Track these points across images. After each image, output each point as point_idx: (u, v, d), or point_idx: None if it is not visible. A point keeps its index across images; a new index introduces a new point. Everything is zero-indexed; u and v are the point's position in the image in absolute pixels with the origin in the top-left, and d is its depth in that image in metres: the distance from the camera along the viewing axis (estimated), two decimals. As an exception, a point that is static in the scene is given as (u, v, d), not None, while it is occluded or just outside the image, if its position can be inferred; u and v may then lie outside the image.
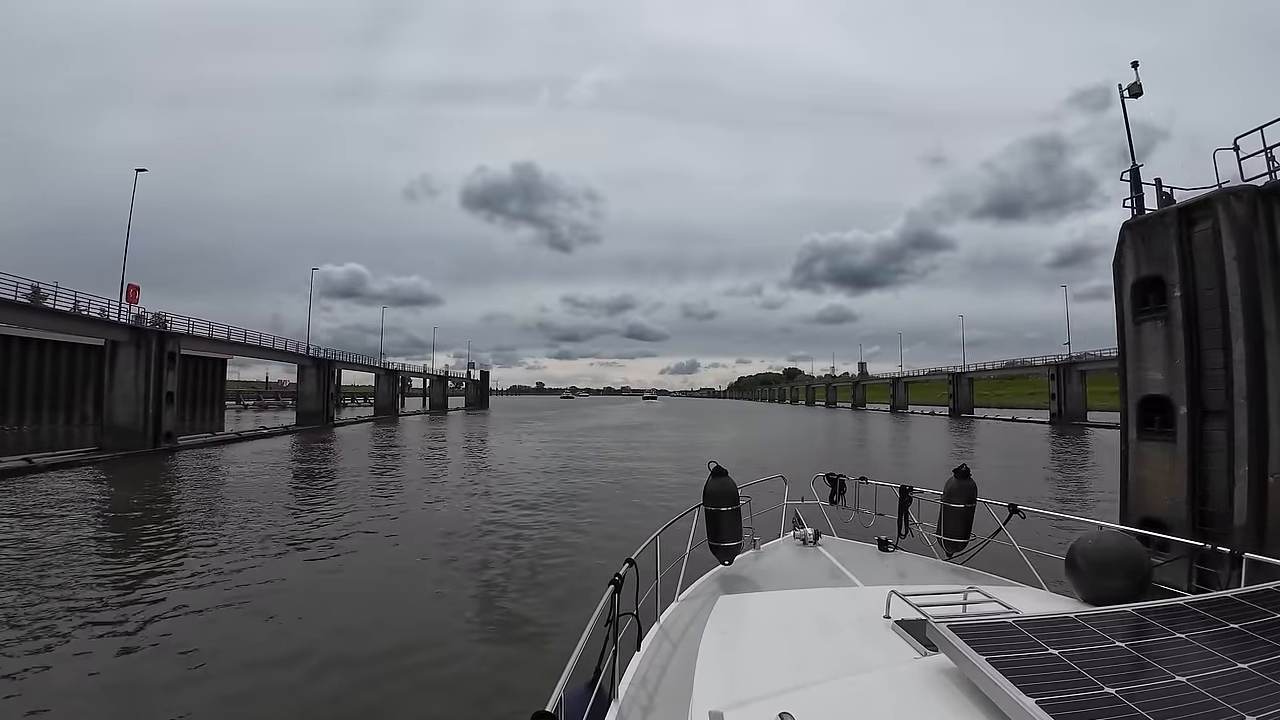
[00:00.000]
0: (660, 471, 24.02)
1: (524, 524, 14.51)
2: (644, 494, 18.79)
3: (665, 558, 4.05)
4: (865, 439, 45.29)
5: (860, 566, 4.64)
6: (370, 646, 7.61)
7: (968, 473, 5.02)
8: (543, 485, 20.43)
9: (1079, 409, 60.87)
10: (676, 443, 38.45)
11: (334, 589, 10.07)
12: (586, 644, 2.45)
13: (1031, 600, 3.37)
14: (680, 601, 4.11)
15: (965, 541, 4.86)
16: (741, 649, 2.85)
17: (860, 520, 5.97)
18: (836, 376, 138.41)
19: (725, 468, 4.65)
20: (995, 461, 28.36)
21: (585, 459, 28.36)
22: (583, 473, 23.53)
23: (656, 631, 3.61)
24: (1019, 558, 4.56)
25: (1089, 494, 19.22)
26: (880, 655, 2.54)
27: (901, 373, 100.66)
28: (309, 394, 53.19)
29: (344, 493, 18.88)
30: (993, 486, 6.61)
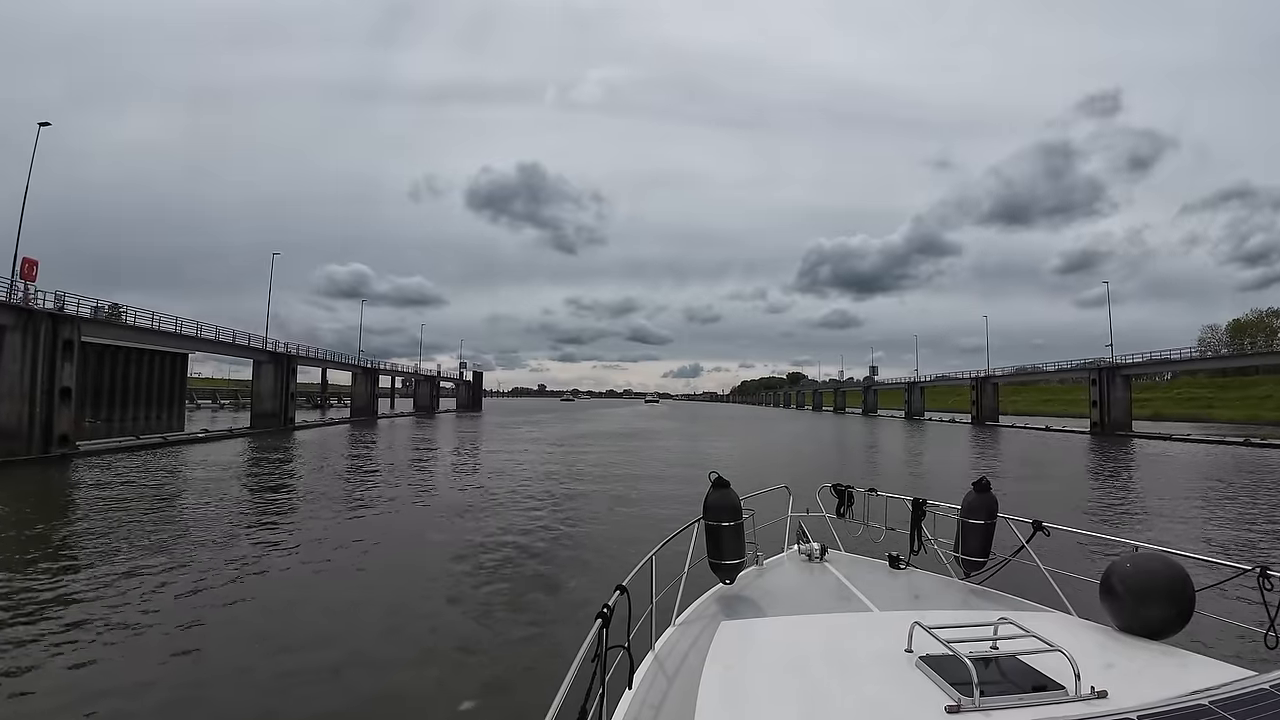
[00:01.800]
0: (662, 497, 18.42)
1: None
2: (637, 532, 13.34)
3: (661, 578, 3.82)
4: (886, 449, 39.66)
5: (871, 586, 4.22)
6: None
7: (988, 486, 4.61)
8: (506, 524, 14.95)
9: (1123, 418, 55.16)
10: (680, 455, 32.67)
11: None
12: (572, 684, 2.15)
13: (1064, 628, 3.08)
14: (677, 627, 3.74)
15: (984, 560, 4.42)
16: (746, 687, 2.66)
17: (869, 535, 5.58)
18: (845, 380, 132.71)
19: (727, 478, 4.19)
20: (1059, 488, 22.79)
21: (565, 481, 22.68)
22: (558, 506, 17.97)
23: (651, 663, 3.27)
24: (1043, 579, 4.08)
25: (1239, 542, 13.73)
26: (905, 698, 2.34)
27: (917, 376, 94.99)
28: (264, 393, 47.40)
29: (210, 531, 13.43)
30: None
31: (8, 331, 25.89)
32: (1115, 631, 3.12)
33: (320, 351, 60.89)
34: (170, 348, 47.28)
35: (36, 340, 26.08)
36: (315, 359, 58.92)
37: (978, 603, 4.00)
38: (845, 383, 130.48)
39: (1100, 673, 2.43)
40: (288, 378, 48.38)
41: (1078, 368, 62.80)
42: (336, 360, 64.71)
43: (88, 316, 31.20)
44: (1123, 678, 2.50)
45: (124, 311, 42.58)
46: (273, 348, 48.86)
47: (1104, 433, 53.23)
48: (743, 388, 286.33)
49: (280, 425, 46.27)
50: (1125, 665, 2.73)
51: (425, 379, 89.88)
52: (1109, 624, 3.18)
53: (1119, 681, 2.40)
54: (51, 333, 26.77)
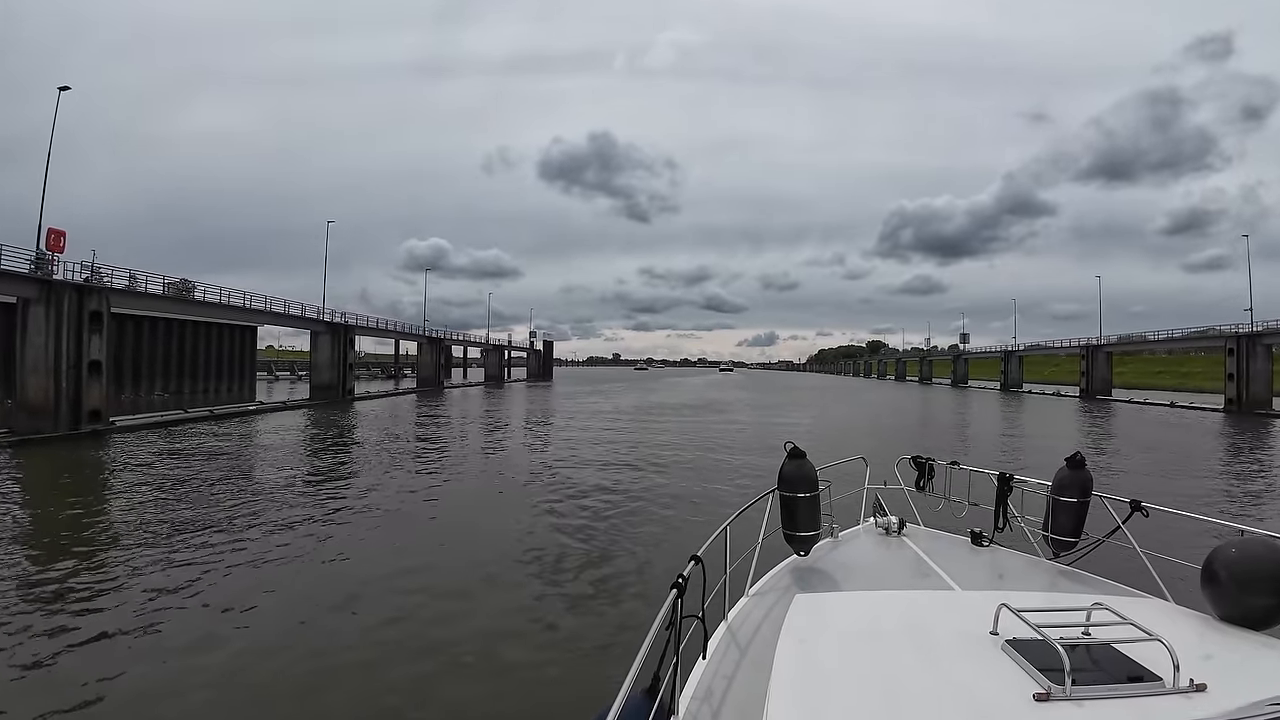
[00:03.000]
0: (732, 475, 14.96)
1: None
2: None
3: (735, 549, 3.60)
4: (992, 426, 34.35)
5: (951, 563, 4.13)
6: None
7: (1083, 462, 4.33)
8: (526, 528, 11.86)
9: (1263, 393, 47.74)
10: (755, 435, 28.55)
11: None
12: (648, 652, 2.13)
13: (1161, 616, 2.92)
14: (750, 597, 3.75)
15: (1076, 541, 4.23)
16: (822, 662, 2.54)
17: (950, 510, 5.44)
18: (930, 350, 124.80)
19: (803, 449, 4.21)
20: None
21: (616, 474, 19.38)
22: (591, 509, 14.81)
23: (724, 633, 3.26)
24: (1139, 563, 3.92)
25: None
26: (990, 683, 2.26)
27: (1015, 344, 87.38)
28: (321, 364, 46.27)
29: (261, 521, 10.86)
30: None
31: (31, 305, 24.48)
32: (1216, 621, 2.92)
33: (382, 321, 59.38)
34: (224, 319, 46.21)
35: (60, 313, 24.56)
36: (375, 329, 57.39)
37: (1068, 585, 3.91)
38: (931, 351, 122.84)
39: (1199, 664, 2.29)
40: (345, 348, 46.94)
41: (1210, 335, 55.09)
42: (398, 330, 63.28)
43: (120, 288, 29.79)
44: (1223, 670, 2.34)
45: (193, 286, 42.34)
46: (329, 318, 47.49)
47: (1241, 410, 46.21)
48: (820, 356, 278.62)
49: (339, 396, 45.05)
50: (1226, 657, 2.55)
51: (494, 349, 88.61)
52: (1209, 613, 2.97)
53: (1219, 674, 2.26)
54: (77, 305, 25.22)
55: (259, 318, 44.82)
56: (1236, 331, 50.01)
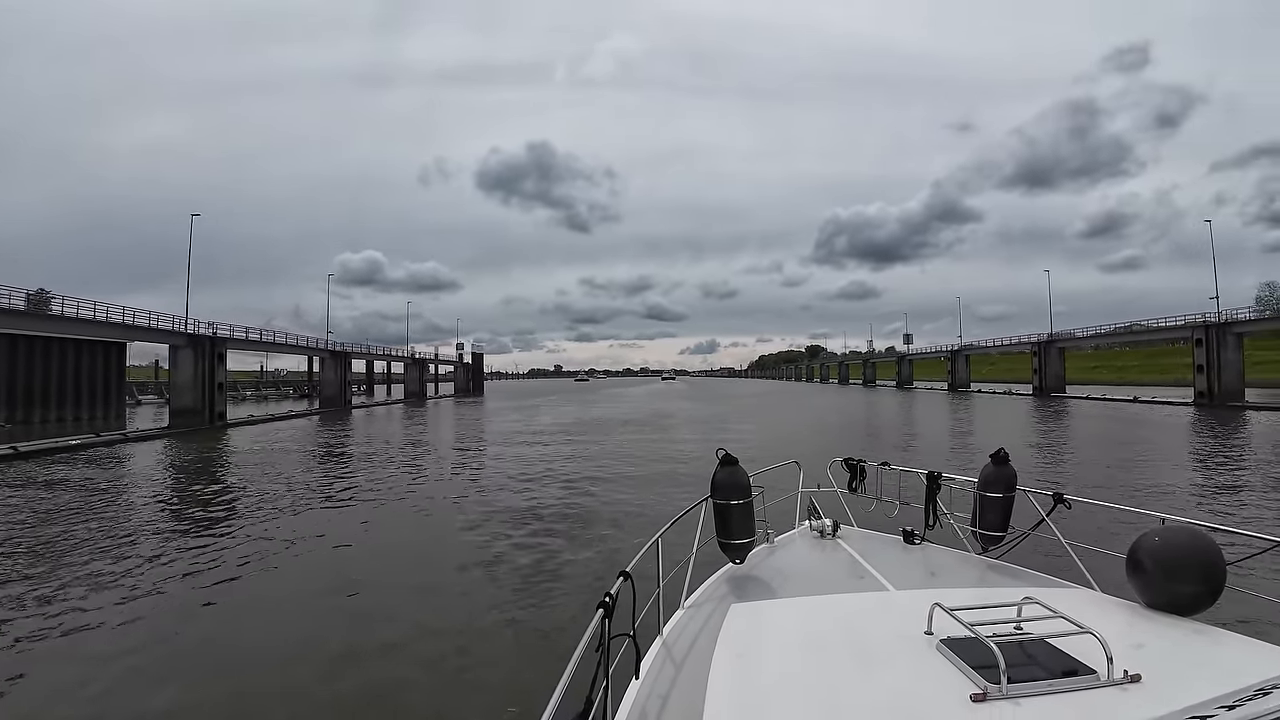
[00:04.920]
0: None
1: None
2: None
3: (669, 561, 3.53)
4: (987, 435, 29.63)
5: (886, 563, 4.15)
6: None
7: (1007, 458, 4.42)
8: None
9: (1236, 384, 45.20)
10: (705, 462, 23.00)
11: None
12: (573, 676, 1.99)
13: (1090, 606, 3.05)
14: (685, 610, 3.60)
15: (1003, 534, 4.31)
16: (759, 672, 2.55)
17: (883, 509, 5.51)
18: (873, 352, 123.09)
19: (735, 455, 4.09)
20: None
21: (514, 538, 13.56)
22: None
23: (659, 650, 3.09)
24: (1063, 553, 4.03)
25: None
26: (927, 686, 2.28)
27: (961, 343, 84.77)
28: (183, 384, 38.39)
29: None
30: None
31: None
32: (1143, 609, 3.06)
33: (266, 333, 51.30)
34: (70, 334, 38.23)
35: None
36: (250, 341, 49.07)
37: (998, 579, 3.97)
38: (875, 354, 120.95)
39: (1132, 654, 2.37)
40: (211, 364, 39.36)
41: (1177, 325, 52.60)
42: (284, 342, 55.19)
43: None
44: (1155, 659, 2.42)
45: (51, 297, 35.52)
46: (191, 329, 39.83)
47: (1213, 404, 43.67)
48: (761, 362, 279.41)
49: (205, 422, 37.55)
50: (1157, 646, 2.65)
51: (414, 362, 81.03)
52: (1136, 601, 3.12)
53: (1152, 664, 2.34)
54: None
55: (105, 330, 37.17)
56: (1205, 321, 47.35)
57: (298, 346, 57.06)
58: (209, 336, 40.46)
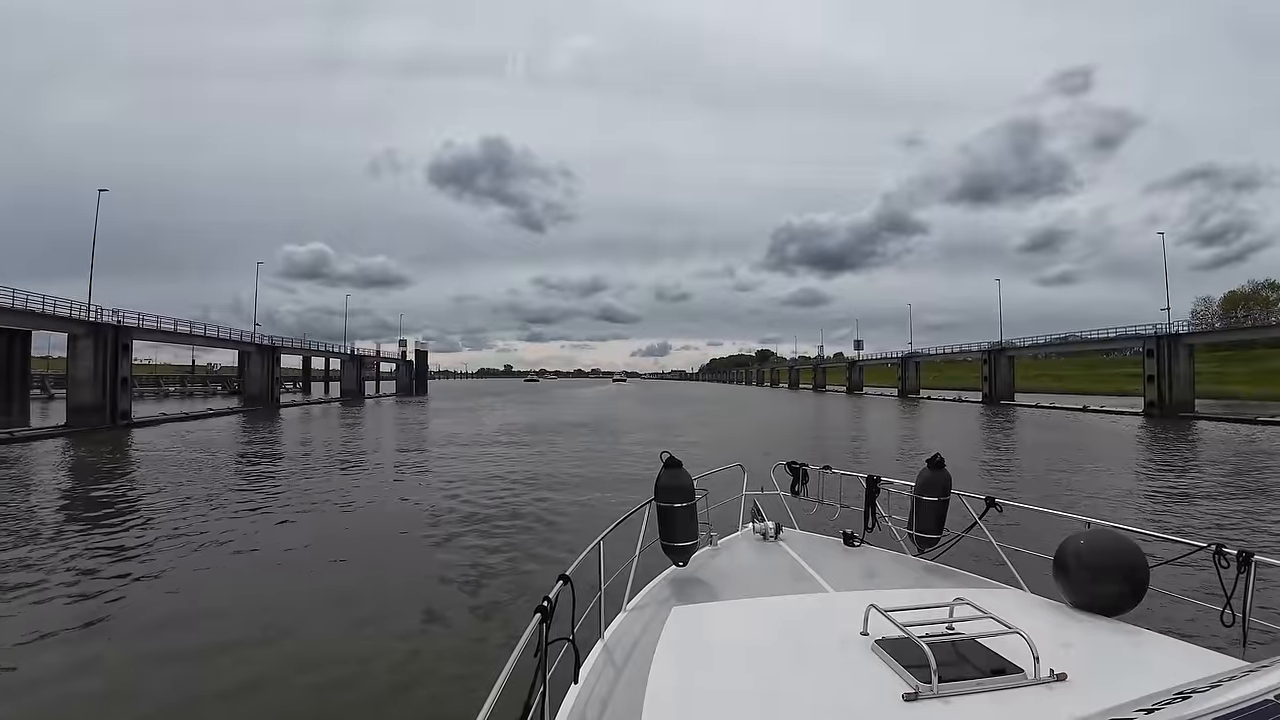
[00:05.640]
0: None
1: None
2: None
3: (612, 564, 3.60)
4: (932, 438, 28.26)
5: (826, 565, 4.24)
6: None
7: (942, 463, 4.57)
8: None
9: (1187, 395, 45.50)
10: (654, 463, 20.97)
11: None
12: (510, 681, 1.99)
13: (1019, 606, 3.16)
14: (628, 613, 3.59)
15: (938, 537, 4.44)
16: (699, 674, 2.61)
17: (824, 513, 5.58)
18: (823, 357, 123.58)
19: (679, 458, 4.10)
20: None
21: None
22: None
23: (600, 654, 3.07)
24: (995, 555, 4.19)
25: None
26: (861, 686, 2.33)
27: (912, 350, 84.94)
28: (82, 379, 34.40)
29: None
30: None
31: None
32: (1070, 609, 3.15)
33: (180, 324, 46.71)
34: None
35: None
36: (163, 332, 44.85)
37: (932, 580, 4.02)
38: (825, 359, 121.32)
39: (1058, 653, 2.42)
40: (115, 357, 35.63)
41: (1128, 337, 52.92)
42: (205, 335, 50.91)
43: None
44: (1081, 659, 2.47)
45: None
46: (93, 316, 36.01)
47: (1164, 414, 43.67)
48: (712, 365, 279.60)
49: (107, 421, 33.92)
50: (1083, 645, 2.71)
51: (352, 360, 77.06)
52: (1063, 601, 3.21)
53: (1078, 662, 2.39)
54: None
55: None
56: (1157, 332, 47.53)
57: (220, 340, 52.96)
58: (113, 325, 36.56)
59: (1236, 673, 1.68)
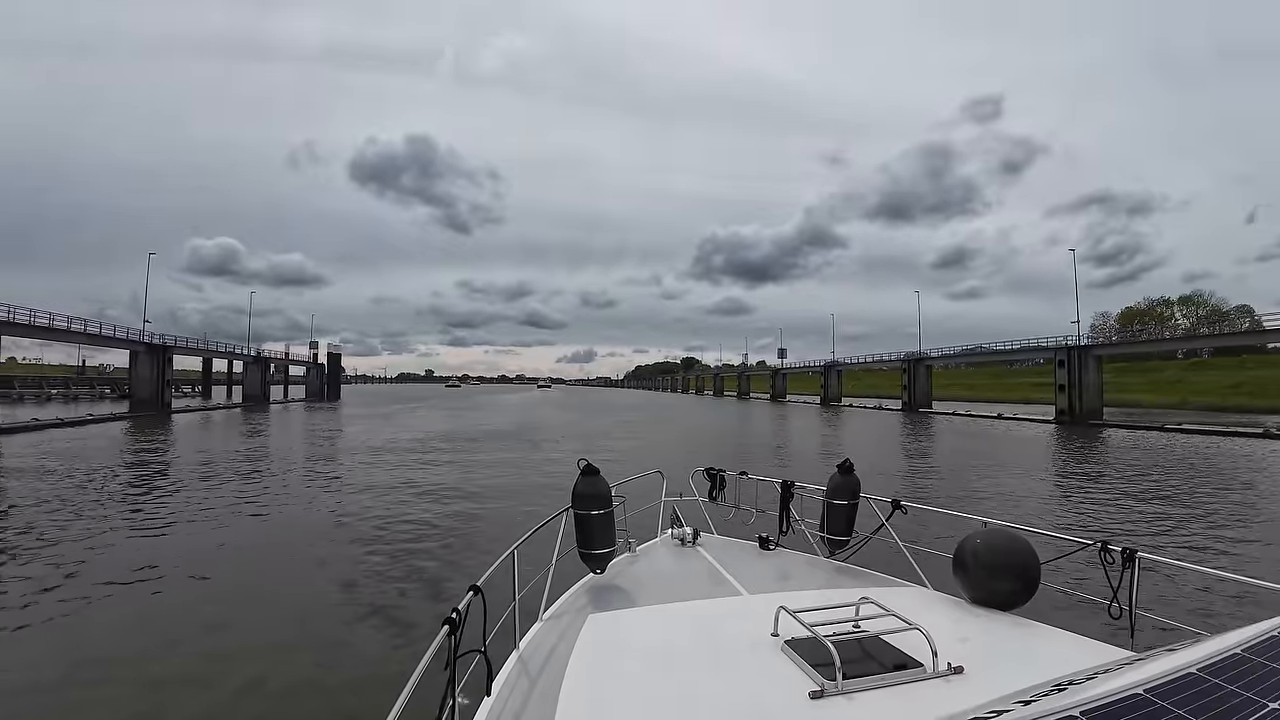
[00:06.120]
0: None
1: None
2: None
3: (528, 573, 3.59)
4: (865, 444, 28.14)
5: (742, 568, 4.33)
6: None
7: (851, 468, 4.71)
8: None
9: (1096, 404, 47.34)
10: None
11: None
12: (416, 699, 1.95)
13: (921, 603, 3.31)
14: (543, 622, 3.55)
15: (848, 539, 4.63)
16: (612, 681, 2.55)
17: (741, 517, 5.64)
18: (748, 365, 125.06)
19: (597, 466, 4.08)
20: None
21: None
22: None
23: (514, 665, 3.02)
24: (902, 554, 4.34)
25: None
26: (770, 685, 2.37)
27: (835, 358, 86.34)
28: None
29: None
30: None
31: None
32: (968, 604, 3.31)
33: (39, 316, 41.43)
34: None
35: None
36: (24, 326, 39.90)
37: (842, 580, 4.12)
38: (749, 367, 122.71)
39: (956, 647, 2.50)
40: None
41: (1040, 348, 54.83)
42: (71, 330, 45.64)
43: None
44: (977, 652, 2.56)
45: None
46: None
47: (1075, 421, 45.35)
48: (637, 372, 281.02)
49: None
50: (979, 639, 2.82)
51: (256, 361, 72.25)
52: (962, 597, 3.36)
53: (974, 656, 2.47)
54: None
55: None
56: (1067, 344, 49.30)
57: (104, 337, 48.19)
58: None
59: (1112, 665, 1.84)
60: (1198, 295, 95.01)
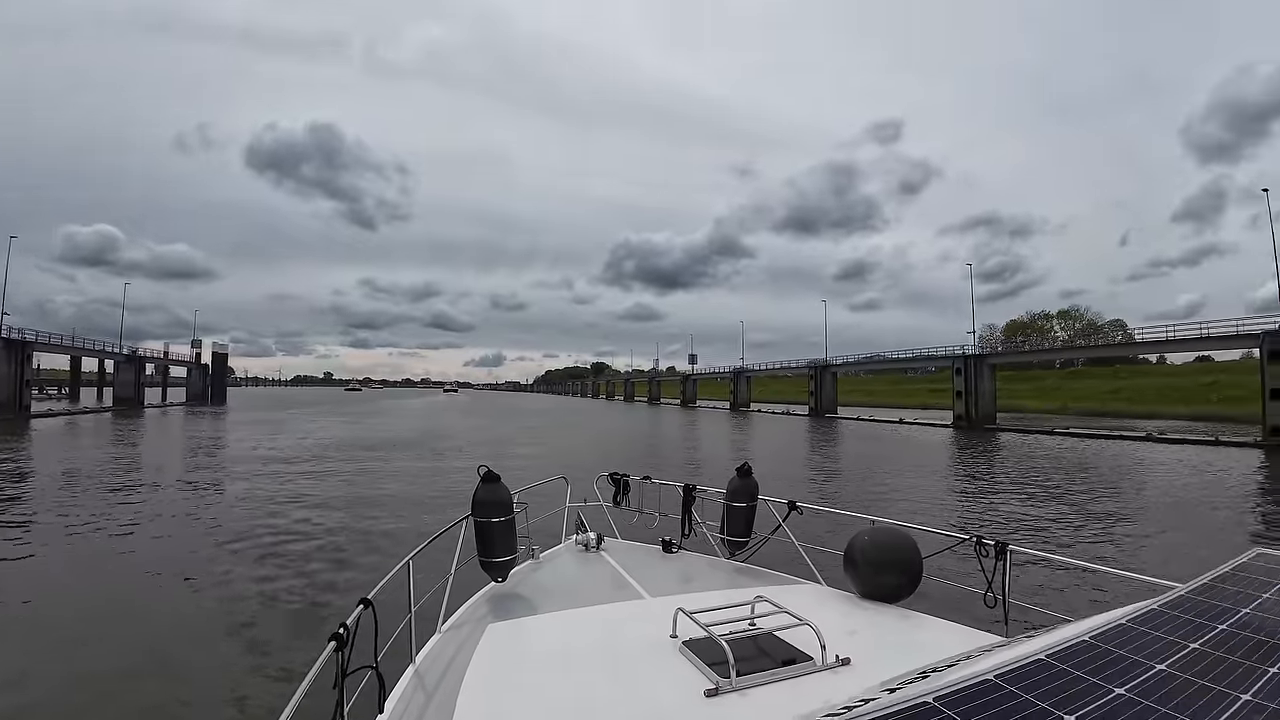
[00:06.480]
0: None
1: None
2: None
3: (426, 584, 3.48)
4: (791, 457, 28.28)
5: (645, 572, 4.34)
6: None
7: (750, 471, 4.83)
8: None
9: (990, 410, 50.04)
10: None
11: None
12: (297, 717, 1.89)
13: (814, 599, 3.46)
14: (441, 635, 3.43)
15: (747, 540, 4.74)
16: (510, 691, 2.54)
17: (644, 521, 5.69)
18: (658, 371, 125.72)
19: (498, 472, 3.99)
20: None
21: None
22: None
23: (410, 680, 2.89)
24: (798, 553, 4.49)
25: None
26: (667, 685, 2.41)
27: (744, 365, 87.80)
28: None
29: None
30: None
31: None
32: (858, 598, 3.50)
33: None
34: None
35: None
36: None
37: (740, 580, 4.20)
38: (660, 373, 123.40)
39: (845, 640, 2.61)
40: None
41: (939, 357, 57.50)
42: None
43: None
44: (864, 644, 2.69)
45: None
46: None
47: (971, 426, 47.71)
48: (547, 377, 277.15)
49: None
50: (867, 632, 2.98)
51: (129, 361, 66.37)
52: (853, 591, 3.57)
53: (861, 648, 2.59)
54: None
55: None
56: (964, 353, 51.71)
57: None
58: None
59: (975, 651, 1.92)
60: (1074, 310, 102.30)
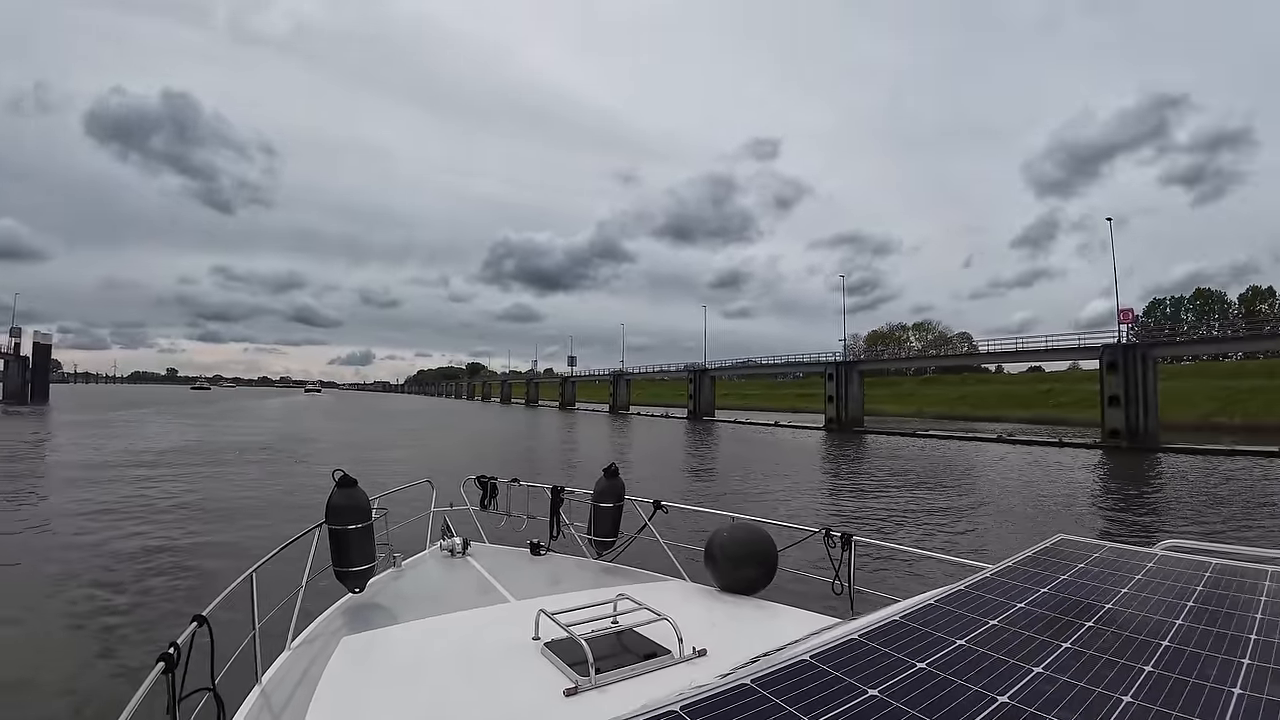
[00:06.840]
0: None
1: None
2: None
3: (275, 597, 3.34)
4: (671, 460, 28.25)
5: (511, 576, 4.31)
6: None
7: (616, 471, 4.87)
8: None
9: (859, 413, 52.96)
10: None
11: None
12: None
13: (676, 595, 3.59)
14: (291, 651, 3.19)
15: (614, 540, 4.76)
16: (363, 707, 2.41)
17: (513, 524, 5.65)
18: (536, 372, 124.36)
19: (354, 476, 3.77)
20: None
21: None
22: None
23: (255, 701, 2.67)
24: (664, 551, 4.58)
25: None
26: (527, 687, 2.39)
27: (623, 368, 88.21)
28: None
29: None
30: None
31: None
32: (718, 592, 3.67)
33: None
34: None
35: None
36: None
37: (607, 580, 4.20)
38: (538, 374, 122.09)
39: (704, 632, 2.71)
40: None
41: (812, 363, 60.02)
42: None
43: None
44: (722, 635, 2.78)
45: None
46: None
47: (841, 429, 50.22)
48: (420, 378, 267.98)
49: None
50: (725, 624, 3.14)
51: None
52: (713, 585, 3.74)
53: (718, 639, 2.67)
54: None
55: None
56: (836, 360, 54.30)
57: None
58: None
59: (809, 636, 1.95)
60: (927, 323, 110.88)
